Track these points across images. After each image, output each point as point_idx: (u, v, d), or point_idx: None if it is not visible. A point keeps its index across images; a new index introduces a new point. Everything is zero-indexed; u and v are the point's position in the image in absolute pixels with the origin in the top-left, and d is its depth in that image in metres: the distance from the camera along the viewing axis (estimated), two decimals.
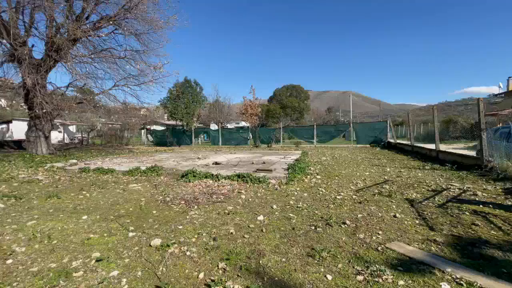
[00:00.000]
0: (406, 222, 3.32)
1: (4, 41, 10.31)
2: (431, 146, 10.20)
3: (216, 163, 8.44)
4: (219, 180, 5.84)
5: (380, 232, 2.98)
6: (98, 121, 30.48)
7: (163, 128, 31.46)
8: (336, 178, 6.37)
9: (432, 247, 2.59)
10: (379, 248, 2.58)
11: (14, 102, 15.00)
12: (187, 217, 3.61)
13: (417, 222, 3.32)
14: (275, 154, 12.59)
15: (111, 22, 12.15)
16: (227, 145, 21.32)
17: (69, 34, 10.75)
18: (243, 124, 35.79)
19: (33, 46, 11.64)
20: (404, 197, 4.50)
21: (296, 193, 4.89)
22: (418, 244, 2.66)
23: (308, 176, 6.40)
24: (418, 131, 24.76)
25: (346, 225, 3.22)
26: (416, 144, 12.31)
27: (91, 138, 26.36)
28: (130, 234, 3.02)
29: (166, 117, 36.89)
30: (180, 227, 3.24)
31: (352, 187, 5.37)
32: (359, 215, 3.58)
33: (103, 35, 12.42)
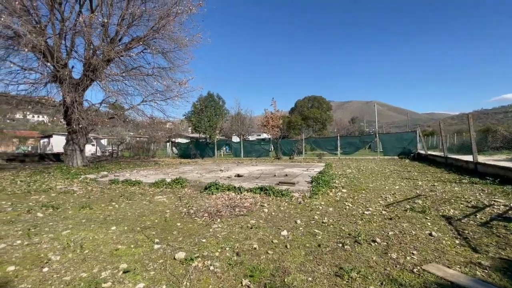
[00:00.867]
0: (444, 241, 3.04)
1: (49, 64, 11.41)
2: (468, 158, 9.44)
3: (238, 176, 8.47)
4: (241, 192, 5.83)
5: (414, 252, 2.75)
6: (127, 134, 32.26)
7: (187, 140, 32.51)
8: (363, 192, 6.08)
9: (478, 272, 2.33)
10: (415, 270, 2.37)
11: (55, 118, 16.38)
12: (210, 230, 3.61)
13: (457, 242, 3.03)
14: (297, 166, 12.40)
15: (141, 43, 13.06)
16: (249, 157, 21.42)
17: (104, 55, 11.67)
18: (264, 136, 35.95)
19: (72, 67, 12.78)
20: (440, 213, 4.16)
21: (321, 207, 4.72)
22: (460, 268, 2.41)
23: (333, 190, 6.18)
24: (451, 142, 23.17)
25: (376, 243, 3.02)
26: (450, 156, 11.48)
27: (121, 151, 27.86)
28: (156, 246, 3.07)
29: (190, 130, 38.13)
30: (204, 240, 3.24)
31: (381, 201, 5.08)
32: (390, 233, 3.34)
33: (134, 55, 13.33)
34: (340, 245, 2.99)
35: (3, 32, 9.66)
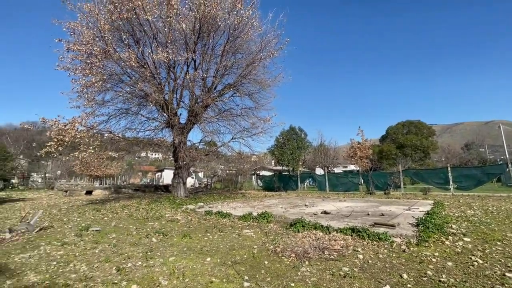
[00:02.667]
0: None
1: (165, 113, 14.43)
2: None
3: (325, 212, 7.93)
4: (329, 232, 5.37)
5: None
6: (219, 168, 36.09)
7: (270, 173, 33.50)
8: (498, 243, 4.58)
9: None
10: None
11: (166, 156, 20.05)
12: (299, 273, 3.40)
13: None
14: (395, 203, 10.68)
15: (231, 89, 15.02)
16: (335, 191, 20.01)
17: (203, 102, 13.91)
18: (352, 167, 33.26)
19: (180, 114, 15.69)
20: None
21: (434, 259, 3.79)
22: None
23: (450, 237, 4.91)
24: None
25: None
26: None
27: (214, 183, 31.09)
28: (245, 284, 3.09)
29: (273, 163, 39.36)
30: (292, 284, 3.06)
31: None
32: None
33: (225, 100, 15.34)
34: None
35: (138, 94, 13.00)
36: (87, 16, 11.07)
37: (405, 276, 3.21)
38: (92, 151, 11.09)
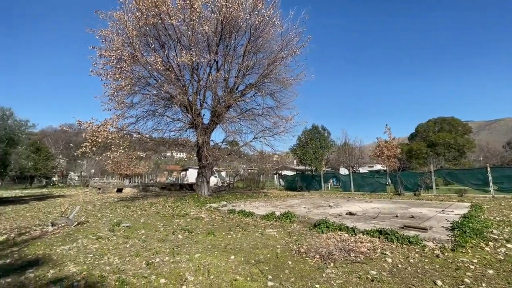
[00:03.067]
0: None
1: (189, 114, 14.85)
2: None
3: (350, 214, 7.68)
4: (355, 234, 5.20)
5: None
6: (241, 167, 36.44)
7: (293, 173, 33.18)
8: None
9: None
10: None
11: (190, 155, 20.64)
12: (323, 275, 3.33)
13: None
14: (426, 205, 10.08)
15: (253, 88, 15.08)
16: (360, 191, 19.32)
17: (225, 103, 14.11)
18: (378, 167, 31.94)
19: (203, 115, 16.06)
20: None
21: (472, 266, 3.52)
22: None
23: (491, 243, 4.53)
24: None
25: None
26: None
27: (236, 182, 31.44)
28: (269, 283, 3.09)
29: (295, 162, 38.94)
30: (317, 286, 3.01)
31: None
32: None
33: (247, 100, 15.44)
34: None
35: (164, 96, 13.51)
36: (116, 23, 11.72)
37: (439, 283, 3.02)
38: (122, 151, 11.73)
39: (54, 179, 38.97)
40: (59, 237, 5.62)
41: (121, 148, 11.58)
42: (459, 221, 5.83)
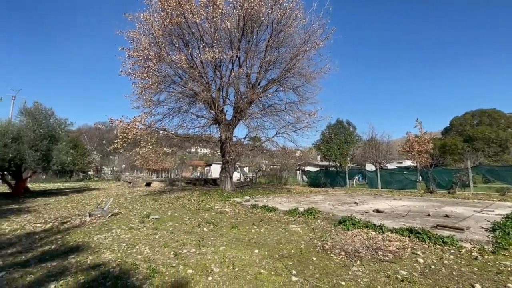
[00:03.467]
0: None
1: (212, 111, 15.13)
2: None
3: (378, 211, 7.40)
4: (383, 232, 5.00)
5: None
6: (263, 163, 36.55)
7: (316, 169, 32.61)
8: None
9: None
10: None
11: (213, 151, 21.07)
12: (349, 272, 3.25)
13: None
14: (463, 204, 9.40)
15: (275, 83, 14.96)
16: (388, 188, 18.51)
17: (247, 99, 14.17)
18: (408, 163, 30.33)
19: (226, 111, 16.26)
20: None
21: None
22: None
23: None
24: None
25: None
26: None
27: (258, 177, 31.64)
28: (293, 278, 3.08)
29: (319, 158, 38.22)
30: (343, 283, 2.94)
31: None
32: None
33: (270, 95, 15.35)
34: None
35: (189, 93, 13.89)
36: (143, 24, 12.20)
37: (478, 287, 2.81)
38: (150, 147, 12.28)
39: (90, 173, 41.94)
40: (95, 226, 6.05)
41: (149, 144, 12.13)
42: (501, 222, 5.37)
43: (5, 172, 13.04)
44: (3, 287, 2.91)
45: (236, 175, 33.62)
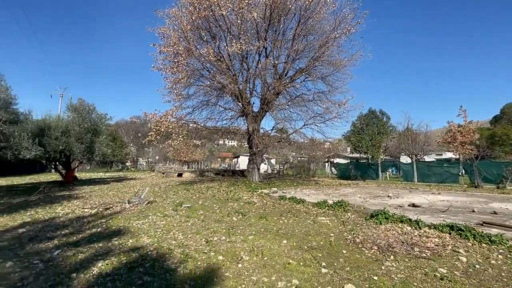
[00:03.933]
0: None
1: (239, 103, 15.26)
2: None
3: (414, 205, 6.98)
4: (420, 228, 4.71)
5: None
6: (290, 155, 36.23)
7: (346, 161, 31.55)
8: None
9: None
10: None
11: (241, 143, 21.35)
12: (382, 267, 3.13)
13: None
14: None
15: (303, 73, 14.58)
16: (426, 182, 17.33)
17: (274, 90, 14.02)
18: (449, 155, 28.00)
19: (253, 103, 16.29)
20: None
21: None
22: None
23: None
24: None
25: None
26: None
27: (285, 169, 31.50)
28: (323, 270, 3.06)
29: (349, 150, 36.88)
30: (375, 278, 2.85)
31: None
32: None
33: (297, 85, 15.04)
34: None
35: (216, 86, 14.13)
36: (172, 20, 12.54)
37: None
38: (181, 139, 12.80)
39: (127, 164, 45.09)
40: (134, 213, 6.53)
41: (180, 136, 12.64)
42: None
43: (57, 163, 14.52)
44: (59, 263, 3.28)
45: (263, 167, 33.81)
